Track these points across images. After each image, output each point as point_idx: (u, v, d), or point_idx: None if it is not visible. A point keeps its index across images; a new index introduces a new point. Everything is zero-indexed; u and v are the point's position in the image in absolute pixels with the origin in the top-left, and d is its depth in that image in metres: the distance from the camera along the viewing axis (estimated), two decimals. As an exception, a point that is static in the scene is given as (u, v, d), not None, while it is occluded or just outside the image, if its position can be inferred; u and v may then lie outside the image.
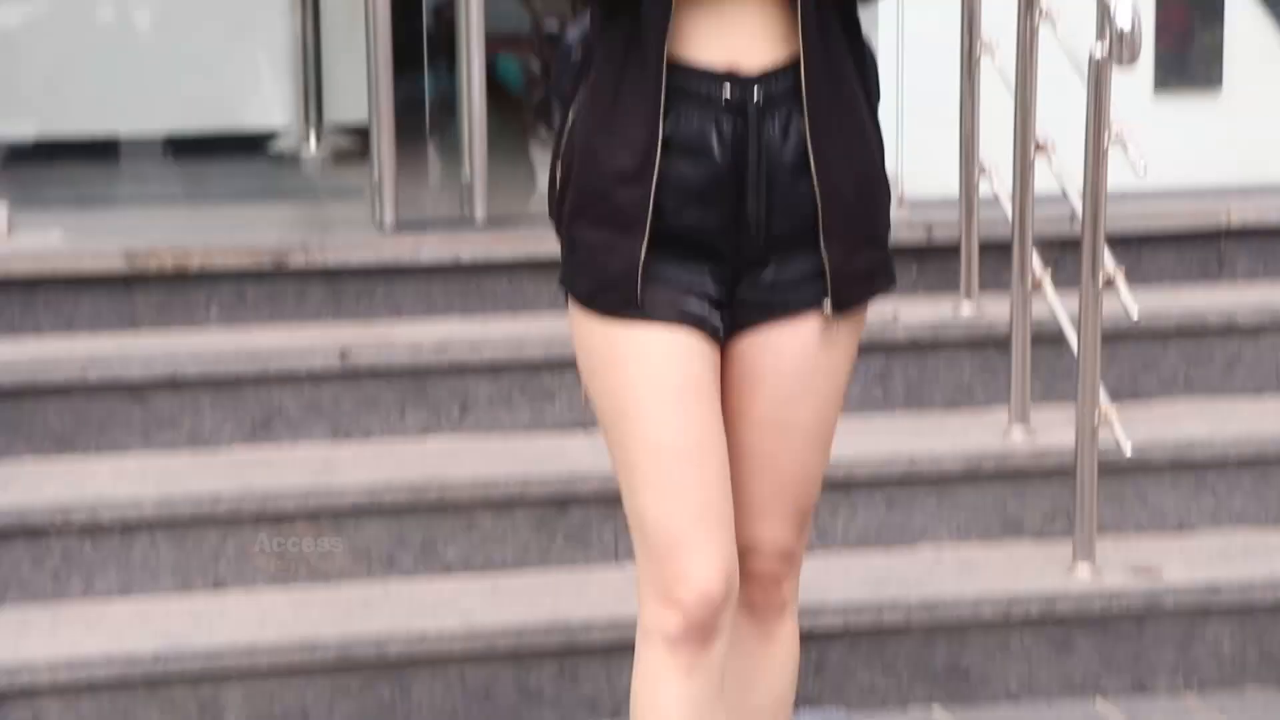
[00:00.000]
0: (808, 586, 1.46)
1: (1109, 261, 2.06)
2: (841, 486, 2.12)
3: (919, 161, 2.59)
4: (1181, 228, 2.66)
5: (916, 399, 2.42)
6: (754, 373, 1.30)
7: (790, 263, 1.28)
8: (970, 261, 2.46)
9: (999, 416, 2.31)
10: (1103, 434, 2.04)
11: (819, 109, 1.23)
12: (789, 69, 1.25)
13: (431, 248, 2.52)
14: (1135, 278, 2.19)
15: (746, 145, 1.25)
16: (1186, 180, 2.71)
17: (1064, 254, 2.33)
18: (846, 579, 2.11)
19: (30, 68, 3.62)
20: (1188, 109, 2.88)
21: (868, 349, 1.84)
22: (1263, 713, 2.09)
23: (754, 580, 1.34)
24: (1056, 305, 2.22)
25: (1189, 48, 2.93)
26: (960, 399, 2.43)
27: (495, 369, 2.34)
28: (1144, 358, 2.45)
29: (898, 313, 2.38)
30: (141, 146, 3.74)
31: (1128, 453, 2.05)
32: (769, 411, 1.30)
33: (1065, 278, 2.23)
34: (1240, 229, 2.67)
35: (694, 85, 1.26)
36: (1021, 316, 2.25)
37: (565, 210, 1.31)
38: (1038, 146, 2.22)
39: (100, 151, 3.65)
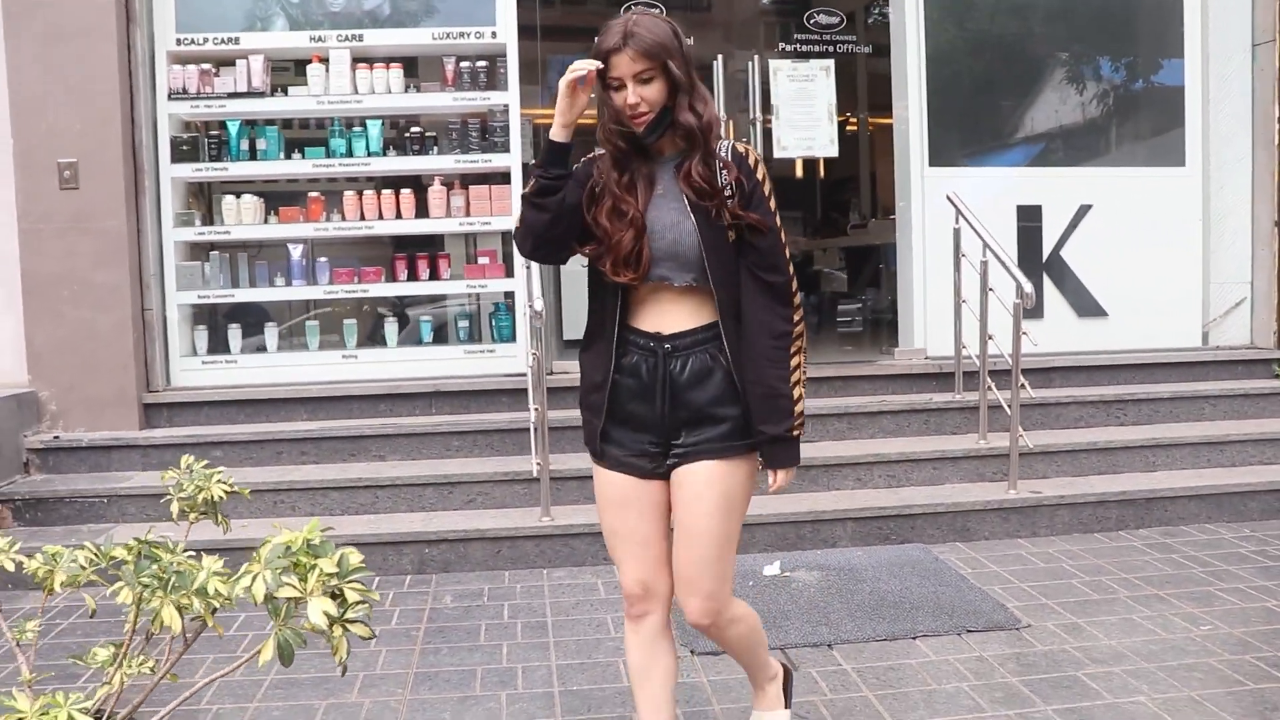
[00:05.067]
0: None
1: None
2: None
3: (935, 335, 6.08)
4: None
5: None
6: (678, 492, 2.44)
7: (692, 434, 2.40)
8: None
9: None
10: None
11: (718, 352, 2.41)
12: (687, 332, 2.39)
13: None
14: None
15: (658, 373, 2.39)
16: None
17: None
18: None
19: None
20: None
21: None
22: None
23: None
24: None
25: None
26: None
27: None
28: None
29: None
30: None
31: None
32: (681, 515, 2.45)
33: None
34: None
35: (634, 339, 2.42)
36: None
37: (579, 398, 2.55)
38: (990, 336, 5.66)
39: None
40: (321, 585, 1.89)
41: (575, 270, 7.06)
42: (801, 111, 6.12)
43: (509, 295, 6.21)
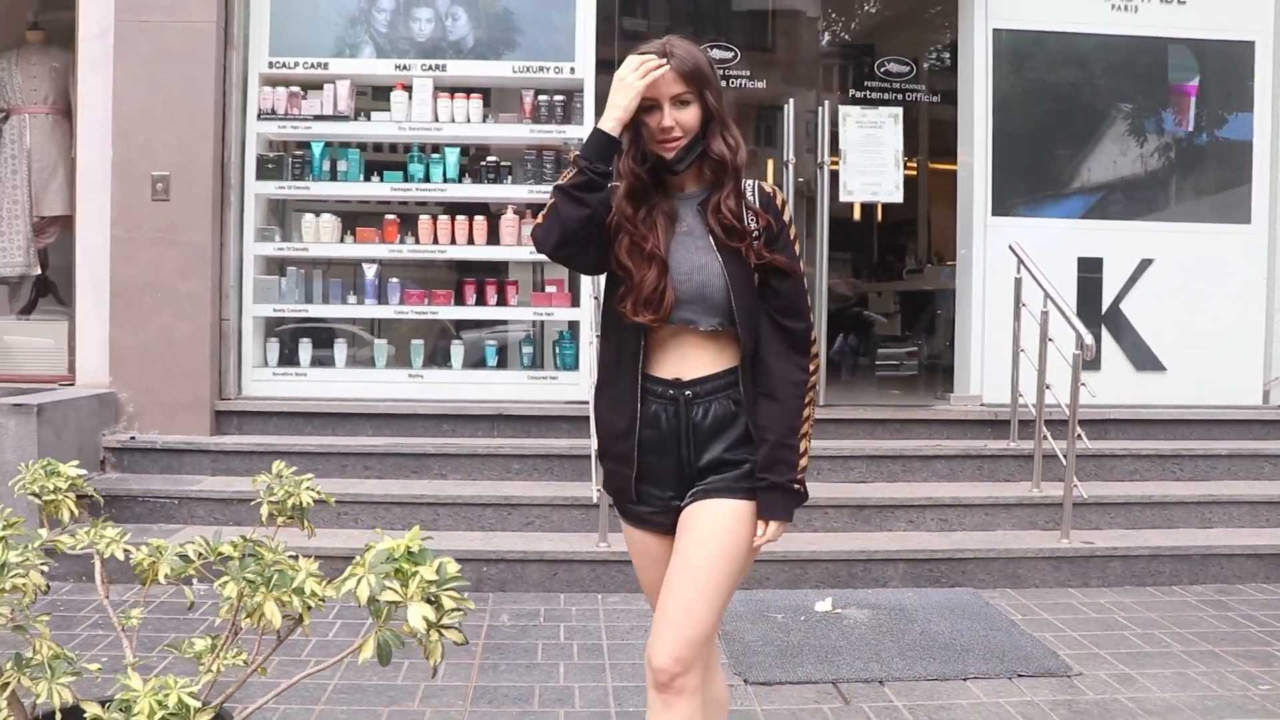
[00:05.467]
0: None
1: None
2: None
3: (991, 382, 6.13)
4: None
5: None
6: (683, 527, 2.28)
7: (707, 478, 2.27)
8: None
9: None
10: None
11: (736, 400, 2.28)
12: (708, 378, 2.26)
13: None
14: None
15: (680, 422, 2.27)
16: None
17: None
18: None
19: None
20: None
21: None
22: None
23: None
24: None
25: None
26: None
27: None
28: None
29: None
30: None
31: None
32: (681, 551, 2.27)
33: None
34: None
35: (651, 386, 2.28)
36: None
37: (601, 447, 2.40)
38: (1047, 386, 5.70)
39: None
40: (421, 591, 2.01)
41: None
42: (869, 157, 6.22)
43: (573, 324, 6.34)
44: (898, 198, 6.37)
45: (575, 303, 6.29)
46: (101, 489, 5.24)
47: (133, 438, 5.65)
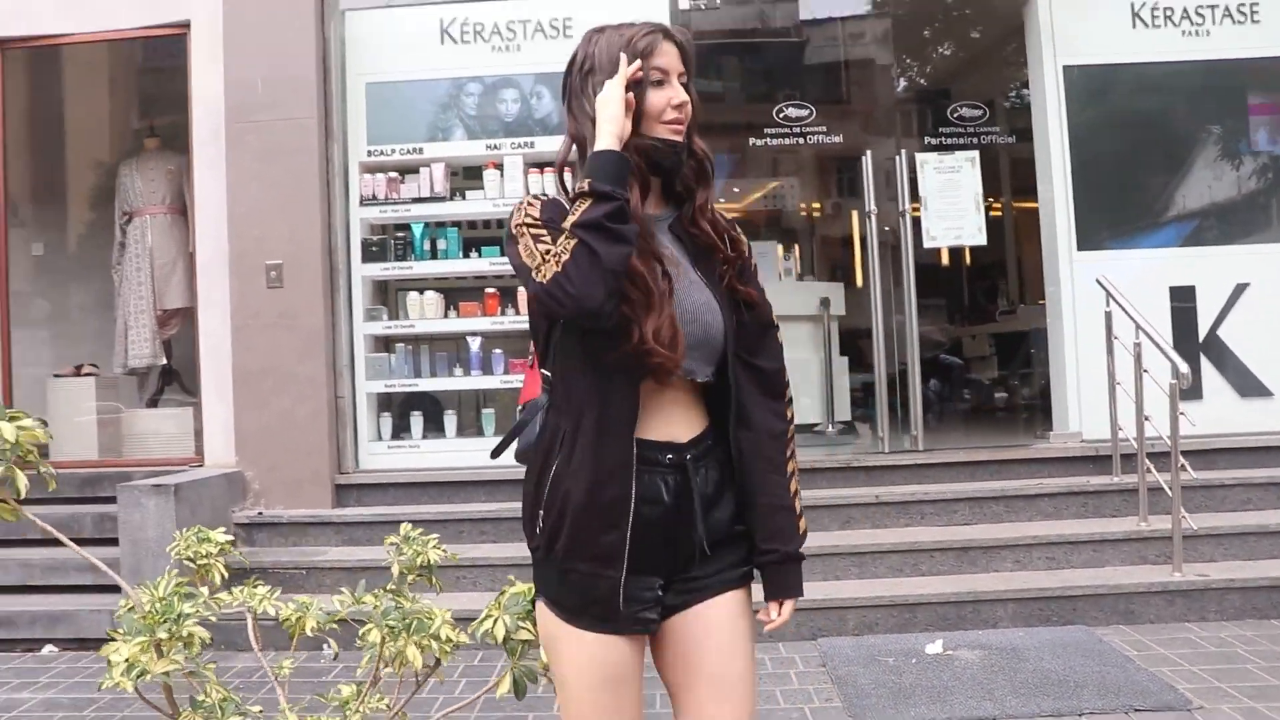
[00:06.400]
0: None
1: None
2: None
3: (1090, 418, 6.11)
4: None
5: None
6: (700, 635, 1.86)
7: (710, 562, 1.88)
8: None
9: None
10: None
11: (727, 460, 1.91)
12: (700, 437, 1.89)
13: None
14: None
15: (686, 493, 1.85)
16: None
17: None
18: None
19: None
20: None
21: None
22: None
23: None
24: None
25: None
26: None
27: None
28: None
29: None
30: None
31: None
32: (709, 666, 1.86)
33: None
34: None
35: (648, 454, 1.82)
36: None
37: (558, 547, 1.81)
38: (1146, 417, 5.66)
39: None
40: (553, 634, 2.17)
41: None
42: (948, 202, 6.32)
43: (668, 388, 6.50)
44: (981, 240, 6.43)
45: (669, 364, 6.45)
46: (234, 563, 5.54)
47: (260, 513, 5.96)
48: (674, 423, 1.87)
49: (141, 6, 6.43)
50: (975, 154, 6.50)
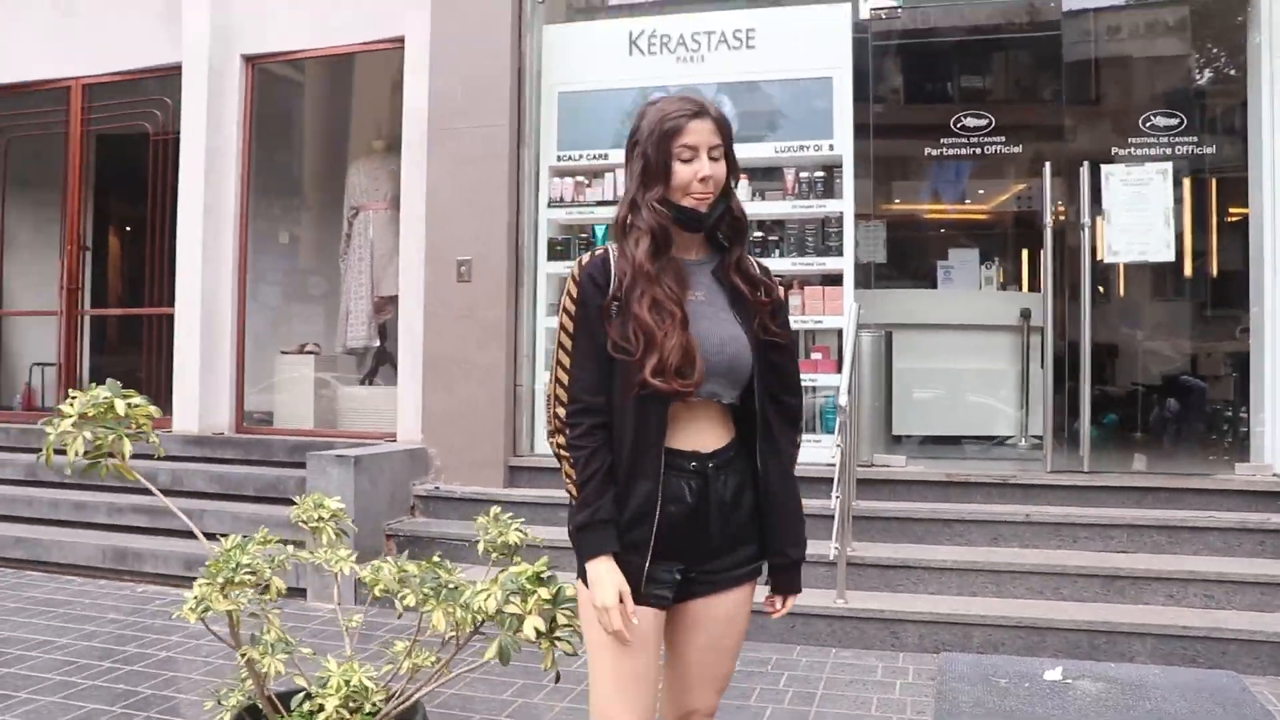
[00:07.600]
0: None
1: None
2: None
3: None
4: None
5: None
6: (701, 622, 2.22)
7: (726, 557, 2.21)
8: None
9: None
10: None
11: (754, 471, 2.22)
12: (724, 448, 2.20)
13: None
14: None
15: (707, 495, 2.16)
16: None
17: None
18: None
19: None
20: None
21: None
22: None
23: None
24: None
25: None
26: None
27: None
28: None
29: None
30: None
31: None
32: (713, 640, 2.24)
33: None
34: None
35: (676, 461, 2.14)
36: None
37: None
38: None
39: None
40: (538, 608, 2.42)
41: (908, 368, 7.34)
42: (1134, 216, 6.01)
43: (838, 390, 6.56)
44: (1169, 256, 6.07)
45: (839, 369, 6.51)
46: (407, 531, 6.12)
47: (437, 488, 6.51)
48: (701, 435, 2.18)
49: (366, 24, 7.14)
50: (1168, 166, 6.11)
